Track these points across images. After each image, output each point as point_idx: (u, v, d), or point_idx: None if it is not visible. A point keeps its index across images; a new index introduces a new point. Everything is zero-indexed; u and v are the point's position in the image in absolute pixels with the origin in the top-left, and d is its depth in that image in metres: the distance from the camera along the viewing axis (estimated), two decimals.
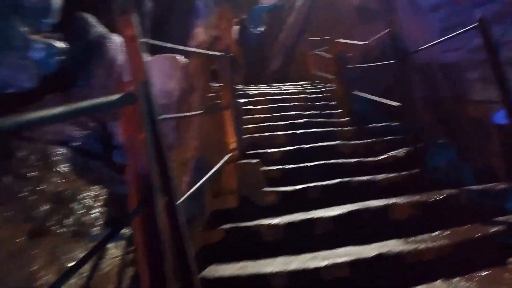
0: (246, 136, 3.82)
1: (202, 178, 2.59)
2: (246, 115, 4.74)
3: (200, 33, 11.14)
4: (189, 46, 10.11)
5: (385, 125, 4.21)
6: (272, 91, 5.78)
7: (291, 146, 3.62)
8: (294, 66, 7.91)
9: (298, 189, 2.80)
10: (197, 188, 2.23)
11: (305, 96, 5.45)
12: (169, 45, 2.52)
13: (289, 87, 6.32)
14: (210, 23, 11.35)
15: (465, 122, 7.72)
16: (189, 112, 6.63)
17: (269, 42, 8.14)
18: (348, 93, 5.07)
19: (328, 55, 6.20)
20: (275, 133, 3.96)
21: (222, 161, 2.74)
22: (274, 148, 3.56)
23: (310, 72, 7.13)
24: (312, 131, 3.98)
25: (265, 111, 4.91)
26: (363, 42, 6.05)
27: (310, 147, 3.57)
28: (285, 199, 2.75)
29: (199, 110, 6.57)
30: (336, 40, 5.42)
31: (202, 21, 11.27)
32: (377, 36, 4.86)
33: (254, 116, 4.70)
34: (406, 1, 8.81)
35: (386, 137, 3.82)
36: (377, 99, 4.30)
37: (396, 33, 3.55)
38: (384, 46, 7.51)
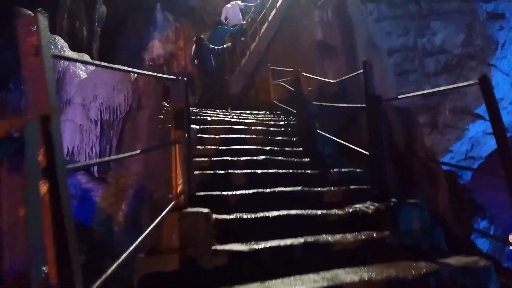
0: (198, 172, 3.32)
1: (141, 210, 2.04)
2: (200, 144, 4.24)
3: (157, 46, 10.55)
4: (143, 59, 9.46)
5: (350, 171, 3.91)
6: (230, 119, 5.34)
7: (249, 189, 3.17)
8: (255, 93, 7.57)
9: (255, 249, 2.33)
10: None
11: (265, 129, 5.06)
12: (102, 64, 1.98)
13: (249, 116, 5.92)
14: (167, 38, 10.81)
15: (418, 168, 7.73)
16: (135, 131, 5.98)
17: (231, 65, 7.76)
18: (310, 131, 4.76)
19: (290, 88, 5.92)
20: (232, 171, 3.49)
21: (163, 213, 2.20)
22: (230, 191, 3.08)
23: (271, 101, 6.80)
24: (273, 172, 3.57)
25: (222, 142, 4.44)
26: (329, 80, 5.89)
27: (270, 191, 3.14)
28: (239, 262, 2.27)
29: (147, 131, 5.96)
30: (302, 73, 5.14)
31: (160, 35, 10.70)
32: (348, 76, 4.64)
33: (209, 147, 4.21)
34: (365, 42, 8.93)
35: (351, 185, 3.51)
36: (343, 143, 4.01)
37: (369, 77, 3.28)
38: (343, 83, 7.43)
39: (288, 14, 8.55)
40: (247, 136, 4.70)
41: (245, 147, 4.32)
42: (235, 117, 5.68)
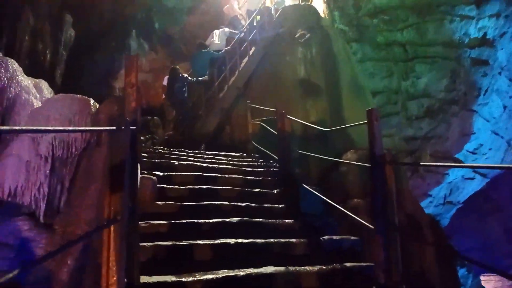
0: (150, 244, 2.50)
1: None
2: (160, 199, 3.43)
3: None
4: (113, 87, 8.65)
5: (343, 240, 3.17)
6: (202, 163, 4.56)
7: (218, 268, 2.37)
8: (231, 131, 6.86)
9: None
10: None
11: (242, 177, 4.30)
12: None
13: (223, 159, 5.16)
14: (141, 67, 10.08)
15: (403, 219, 7.06)
16: (90, 170, 5.10)
17: (206, 99, 7.06)
18: (294, 184, 4.04)
19: (271, 130, 5.24)
20: (196, 241, 2.68)
21: None
22: (192, 273, 2.27)
23: (248, 141, 6.09)
24: (250, 243, 2.78)
25: (188, 195, 3.64)
26: (316, 125, 5.27)
27: (246, 275, 2.35)
28: None
29: (102, 172, 5.08)
30: (286, 116, 4.48)
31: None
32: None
33: (171, 202, 3.40)
34: (350, 82, 8.49)
35: (347, 262, 2.76)
36: (336, 206, 3.30)
37: (376, 132, 2.61)
38: (326, 124, 6.84)
39: (271, 49, 8.04)
40: (220, 187, 3.92)
41: (216, 202, 3.53)
42: (207, 160, 4.91)
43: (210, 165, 4.56)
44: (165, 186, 3.69)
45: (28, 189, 5.18)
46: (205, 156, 5.16)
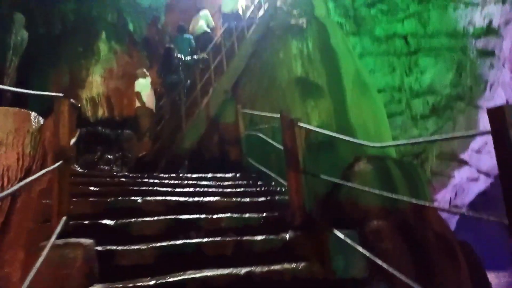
0: None
1: None
2: (103, 274, 1.93)
3: (98, 82, 8.20)
4: (79, 97, 7.07)
5: None
6: (178, 197, 3.05)
7: None
8: (219, 145, 5.38)
9: None
10: None
11: (237, 217, 2.81)
12: None
13: (211, 185, 3.67)
14: (112, 73, 8.51)
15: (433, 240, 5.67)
16: (30, 210, 3.63)
17: (187, 107, 5.56)
18: (317, 226, 2.59)
19: (274, 143, 3.78)
20: None
21: None
22: None
23: (242, 157, 4.61)
24: None
25: (152, 263, 2.14)
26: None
27: None
28: None
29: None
30: (295, 122, 3.01)
31: (102, 69, 8.38)
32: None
33: (120, 285, 1.89)
34: (353, 78, 7.09)
35: None
36: (387, 268, 1.85)
37: None
38: (332, 130, 5.41)
39: (261, 45, 6.61)
40: (205, 240, 2.43)
41: (200, 275, 2.04)
42: (187, 189, 3.40)
43: (191, 199, 3.05)
44: (114, 247, 2.18)
45: None
46: (185, 183, 3.64)
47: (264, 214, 2.93)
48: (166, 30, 9.27)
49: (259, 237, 2.55)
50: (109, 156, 6.25)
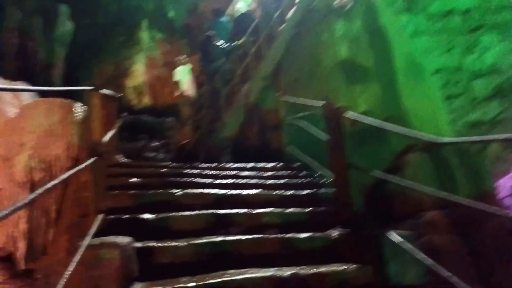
0: None
1: None
2: (142, 272, 1.86)
3: (141, 71, 8.30)
4: (122, 86, 7.21)
5: None
6: (218, 190, 2.93)
7: None
8: (259, 134, 5.22)
9: None
10: None
11: (279, 212, 2.64)
12: None
13: (251, 175, 3.53)
14: (153, 61, 8.58)
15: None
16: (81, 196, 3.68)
17: (226, 95, 5.43)
18: (367, 225, 2.35)
19: (317, 132, 3.55)
20: None
21: None
22: None
23: (283, 146, 4.41)
24: None
25: (191, 261, 2.04)
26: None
27: None
28: None
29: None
30: (341, 111, 2.75)
31: (145, 58, 8.46)
32: None
33: (159, 285, 1.80)
34: (405, 60, 6.56)
35: None
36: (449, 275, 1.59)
37: None
38: (379, 114, 5.04)
39: (303, 27, 6.28)
40: (245, 237, 2.28)
41: (239, 277, 1.91)
42: (227, 180, 3.27)
43: (231, 192, 2.93)
44: (153, 244, 2.10)
45: (3, 226, 3.78)
46: (226, 174, 3.52)
47: (309, 209, 2.73)
48: (205, 15, 9.16)
49: (303, 235, 2.36)
50: (153, 144, 6.33)
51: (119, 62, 7.72)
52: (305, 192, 3.06)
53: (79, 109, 4.35)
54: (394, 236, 2.09)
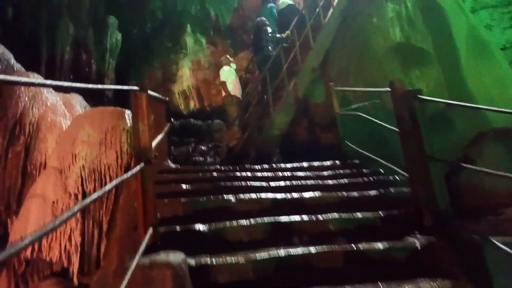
0: None
1: None
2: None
3: (187, 75, 8.24)
4: (171, 91, 7.17)
5: None
6: (274, 194, 2.63)
7: None
8: (310, 129, 4.86)
9: None
10: None
11: (345, 218, 2.28)
12: None
13: (308, 176, 3.18)
14: (199, 64, 8.48)
15: None
16: (131, 206, 3.59)
17: (274, 89, 5.11)
18: (460, 230, 1.92)
19: (378, 123, 3.12)
20: None
21: None
22: None
23: (339, 141, 4.01)
24: None
25: (251, 280, 1.76)
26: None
27: None
28: None
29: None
30: (411, 94, 2.32)
31: (190, 61, 8.39)
32: None
33: None
34: (467, 38, 5.83)
35: None
36: None
37: None
38: (441, 96, 4.44)
39: (350, 12, 5.80)
40: (312, 250, 1.95)
41: None
42: (282, 182, 2.96)
43: (287, 196, 2.61)
44: (208, 260, 1.84)
45: (56, 240, 3.76)
46: (279, 175, 3.21)
47: (381, 213, 2.34)
48: (247, 14, 8.91)
49: (379, 244, 1.99)
50: (203, 147, 6.18)
51: (167, 68, 7.71)
52: (373, 192, 2.67)
53: (129, 116, 4.30)
54: (500, 245, 1.66)
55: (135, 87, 2.00)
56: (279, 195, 2.60)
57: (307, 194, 2.63)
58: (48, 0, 5.52)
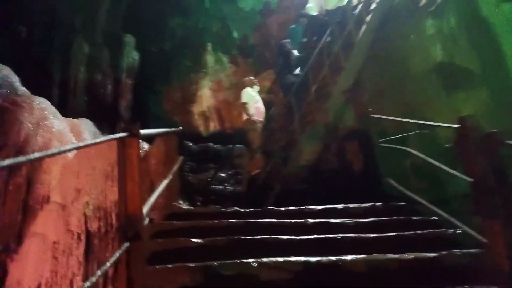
0: None
1: None
2: None
3: (207, 96, 7.83)
4: (191, 112, 6.74)
5: None
6: (306, 257, 2.06)
7: None
8: (341, 160, 4.29)
9: None
10: None
11: None
12: None
13: (346, 223, 2.62)
14: (220, 84, 8.07)
15: None
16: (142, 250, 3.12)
17: (301, 114, 4.59)
18: None
19: (430, 162, 2.53)
20: None
21: None
22: None
23: (380, 179, 3.40)
24: None
25: None
26: None
27: None
28: None
29: None
30: (496, 136, 1.74)
31: (211, 81, 7.99)
32: None
33: None
34: None
35: None
36: None
37: None
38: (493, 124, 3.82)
39: (384, 29, 5.27)
40: None
41: None
42: (314, 235, 2.39)
43: (323, 258, 2.04)
44: None
45: (56, 286, 3.32)
46: (309, 222, 2.65)
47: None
48: (270, 33, 8.51)
49: None
50: (222, 174, 5.69)
51: (186, 88, 7.35)
52: (432, 255, 2.06)
53: (140, 146, 3.87)
54: None
55: (123, 134, 1.53)
56: (312, 259, 2.04)
57: (347, 258, 2.05)
58: (62, 18, 5.24)
